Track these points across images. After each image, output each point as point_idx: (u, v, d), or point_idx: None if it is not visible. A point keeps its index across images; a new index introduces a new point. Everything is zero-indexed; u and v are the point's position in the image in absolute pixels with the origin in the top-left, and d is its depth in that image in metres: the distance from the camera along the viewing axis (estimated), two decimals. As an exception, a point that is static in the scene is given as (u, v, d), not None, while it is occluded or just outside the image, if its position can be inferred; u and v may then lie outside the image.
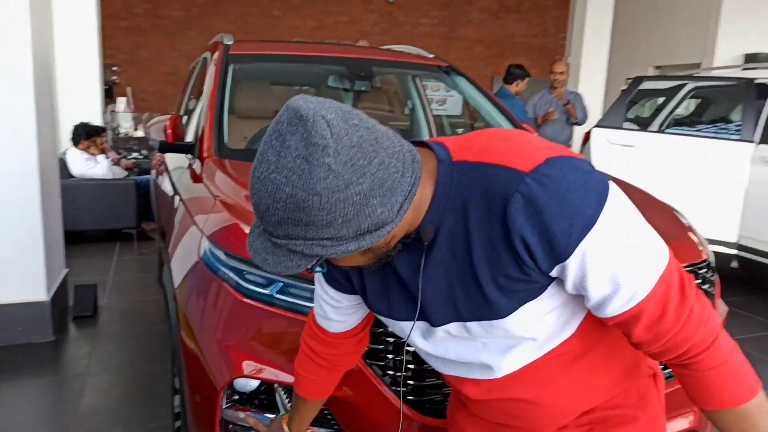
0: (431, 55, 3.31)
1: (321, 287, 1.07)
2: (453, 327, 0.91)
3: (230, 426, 1.51)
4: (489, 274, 0.81)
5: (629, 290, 0.77)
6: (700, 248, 1.86)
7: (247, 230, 1.65)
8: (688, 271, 1.72)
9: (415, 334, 0.98)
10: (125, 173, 5.79)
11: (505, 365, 0.92)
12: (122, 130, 7.38)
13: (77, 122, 5.57)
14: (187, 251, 1.87)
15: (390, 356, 1.40)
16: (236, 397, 1.52)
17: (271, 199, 0.70)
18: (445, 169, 0.80)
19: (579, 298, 0.85)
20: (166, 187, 3.00)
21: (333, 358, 1.15)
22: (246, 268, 1.55)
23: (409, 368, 1.41)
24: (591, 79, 8.11)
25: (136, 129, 7.54)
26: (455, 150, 0.82)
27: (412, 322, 0.94)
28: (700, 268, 1.80)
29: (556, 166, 0.74)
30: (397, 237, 0.80)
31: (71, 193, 4.91)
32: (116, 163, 5.78)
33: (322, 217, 0.69)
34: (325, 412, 1.43)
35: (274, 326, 1.49)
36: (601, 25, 7.98)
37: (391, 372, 1.39)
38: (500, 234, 0.77)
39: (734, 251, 4.21)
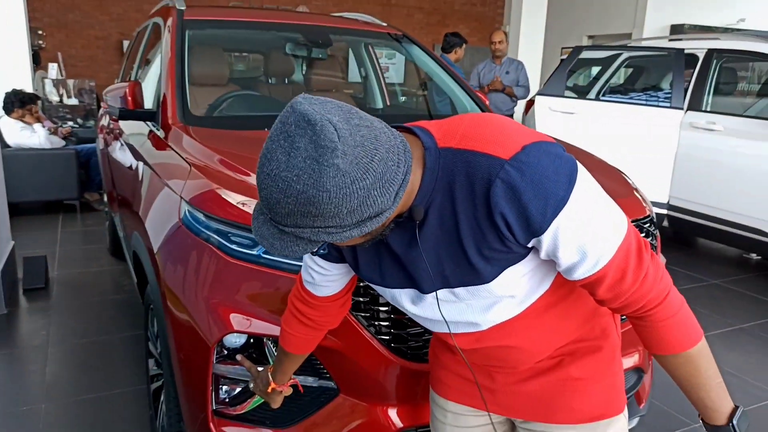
0: (385, 24, 3.36)
1: (310, 257, 1.15)
2: (441, 293, 1.02)
3: (221, 380, 1.58)
4: (474, 246, 0.91)
5: (594, 257, 0.89)
6: (644, 205, 2.05)
7: (224, 195, 1.70)
8: (634, 225, 1.91)
9: (406, 300, 1.08)
10: (63, 142, 5.57)
11: (489, 320, 1.04)
12: (55, 98, 7.04)
13: (6, 90, 5.30)
14: (163, 215, 1.89)
15: (374, 307, 1.50)
16: (225, 352, 1.59)
17: (282, 195, 0.76)
18: (432, 156, 0.89)
19: (551, 261, 0.97)
20: (123, 154, 2.96)
21: (318, 318, 1.25)
22: (231, 230, 1.60)
23: (391, 318, 1.52)
24: (530, 48, 8.33)
25: (69, 97, 7.20)
26: (440, 137, 0.90)
27: (399, 290, 1.05)
28: (645, 223, 1.99)
29: (531, 154, 0.84)
30: (390, 219, 0.89)
31: (8, 163, 4.70)
32: (53, 132, 5.55)
33: (329, 209, 0.76)
34: (314, 360, 1.52)
35: (261, 284, 1.56)
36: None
37: (375, 323, 1.50)
38: (484, 213, 0.87)
39: (665, 211, 4.55)
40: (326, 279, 1.17)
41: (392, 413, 1.55)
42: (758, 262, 4.78)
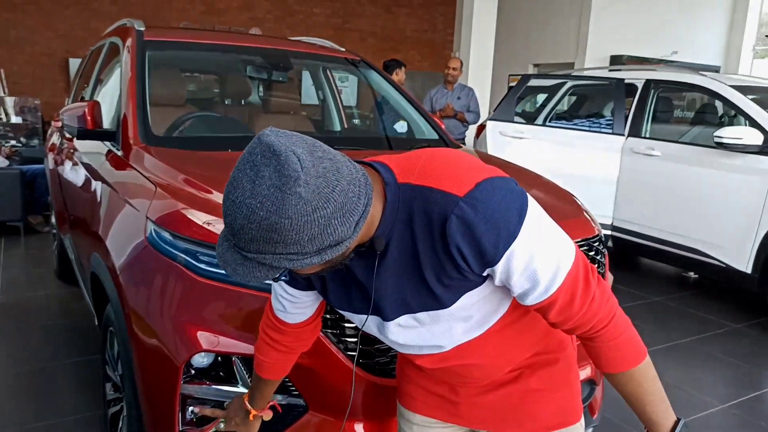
0: (343, 49, 3.45)
1: (280, 286, 1.19)
2: (403, 319, 1.07)
3: (188, 400, 1.58)
4: (434, 275, 0.97)
5: (544, 285, 0.94)
6: (593, 225, 2.17)
7: (190, 215, 1.72)
8: (582, 244, 2.02)
9: (371, 326, 1.13)
10: (6, 162, 5.38)
11: (452, 342, 1.11)
12: (-3, 116, 6.79)
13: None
14: (126, 235, 1.88)
15: (344, 324, 1.54)
16: (192, 372, 1.59)
17: (246, 221, 0.79)
18: (392, 191, 0.94)
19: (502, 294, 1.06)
20: (77, 174, 2.90)
21: (290, 343, 1.28)
22: (199, 249, 1.61)
23: (358, 334, 1.55)
24: (479, 74, 8.60)
25: (13, 115, 6.95)
26: (399, 172, 0.96)
27: (366, 316, 1.10)
28: (594, 242, 2.10)
29: (484, 190, 0.90)
30: (350, 248, 0.91)
31: (-53, 183, 4.51)
32: (-4, 151, 5.36)
33: (291, 236, 0.79)
34: (284, 378, 1.54)
35: (229, 302, 1.58)
36: (486, 23, 8.46)
37: (344, 339, 1.54)
38: (441, 246, 0.93)
39: (609, 232, 4.77)
40: (296, 306, 1.20)
41: (359, 428, 1.58)
42: (696, 280, 5.05)
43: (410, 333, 1.10)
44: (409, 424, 1.32)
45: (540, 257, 0.93)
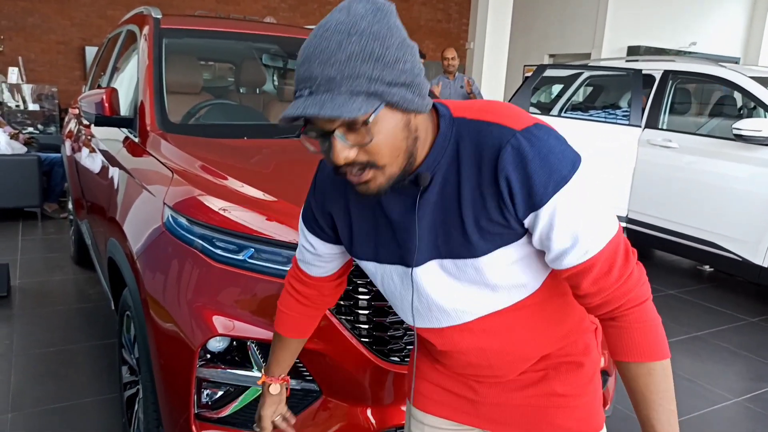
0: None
1: (304, 237, 1.17)
2: (430, 266, 1.01)
3: (204, 383, 1.60)
4: (473, 216, 0.93)
5: (585, 245, 0.90)
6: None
7: (207, 201, 1.73)
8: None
9: (395, 278, 1.08)
10: (24, 149, 5.44)
11: (476, 310, 1.04)
12: (14, 103, 6.87)
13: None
14: (143, 221, 1.90)
15: (358, 312, 1.55)
16: (208, 356, 1.61)
17: (345, 35, 0.81)
18: (446, 122, 0.94)
19: (541, 257, 0.99)
20: (95, 161, 2.93)
21: (314, 297, 1.25)
22: (216, 234, 1.63)
23: (373, 320, 1.57)
24: (493, 64, 8.54)
25: (25, 102, 7.03)
26: (454, 108, 0.95)
27: (393, 266, 1.06)
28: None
29: (543, 131, 0.89)
30: (415, 156, 0.91)
31: (-33, 168, 4.57)
32: (14, 137, 5.42)
33: (390, 53, 0.82)
34: (297, 363, 1.56)
35: (245, 288, 1.59)
36: (502, 13, 8.39)
37: (357, 325, 1.55)
38: (489, 179, 0.90)
39: (624, 224, 4.73)
40: (319, 260, 1.18)
41: (373, 414, 1.59)
42: (711, 274, 5.00)
43: (434, 285, 1.03)
44: (420, 426, 1.24)
45: (585, 215, 0.89)
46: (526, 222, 0.93)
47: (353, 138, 0.86)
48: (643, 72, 4.77)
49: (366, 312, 1.55)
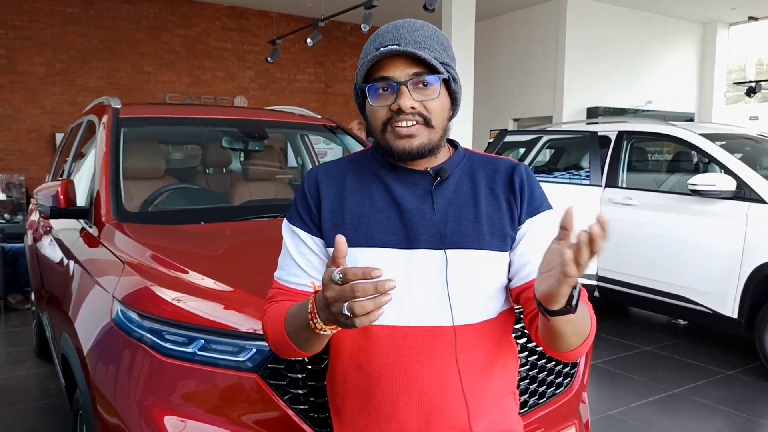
0: (319, 116, 3.52)
1: (296, 238, 1.17)
2: (429, 253, 1.10)
3: (154, 486, 1.52)
4: (486, 211, 1.13)
5: None
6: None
7: (158, 292, 1.70)
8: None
9: (394, 263, 1.10)
10: (-12, 240, 5.36)
11: (458, 312, 1.10)
12: (-20, 193, 6.80)
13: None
14: (93, 315, 1.86)
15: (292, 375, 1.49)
16: (159, 457, 1.53)
17: (424, 23, 1.14)
18: (460, 150, 1.21)
19: (505, 289, 1.16)
20: (53, 252, 2.89)
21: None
22: (165, 328, 1.59)
23: (308, 384, 1.48)
24: (459, 130, 8.78)
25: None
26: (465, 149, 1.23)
27: (389, 249, 1.10)
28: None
29: None
30: (442, 143, 1.16)
31: (-74, 264, 4.46)
32: (-22, 228, 5.34)
33: (452, 51, 1.15)
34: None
35: (197, 382, 1.54)
36: (464, 80, 8.72)
37: (292, 390, 1.48)
38: (503, 184, 1.16)
39: (595, 282, 4.76)
40: (312, 267, 1.16)
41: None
42: (685, 327, 5.01)
43: (431, 270, 1.10)
44: None
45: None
46: (522, 228, 1.14)
47: (416, 94, 1.08)
48: (599, 134, 4.93)
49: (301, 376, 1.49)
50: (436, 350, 1.10)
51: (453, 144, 1.23)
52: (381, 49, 1.07)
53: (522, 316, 1.18)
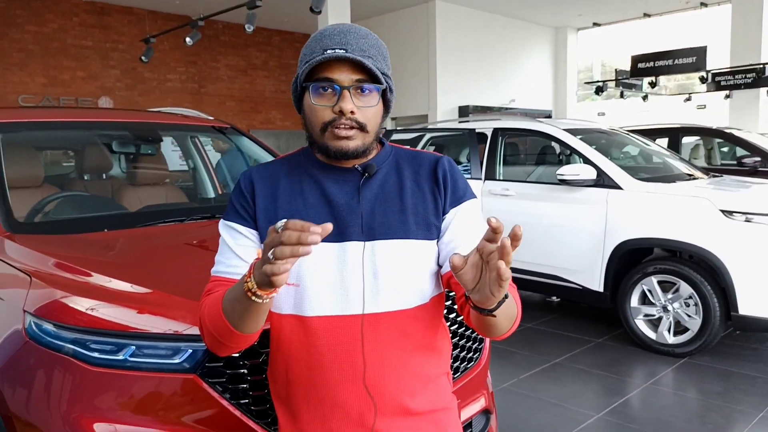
0: (212, 118, 3.48)
1: (233, 239, 1.21)
2: (358, 245, 1.17)
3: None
4: (412, 202, 1.22)
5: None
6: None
7: (71, 303, 1.64)
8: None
9: (325, 256, 1.16)
10: None
11: (388, 296, 1.17)
12: None
13: None
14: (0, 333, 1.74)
15: (231, 372, 1.54)
16: (90, 469, 1.49)
17: (368, 32, 1.20)
18: (386, 147, 1.29)
19: (437, 275, 1.24)
20: None
21: None
22: (89, 336, 1.55)
23: (248, 380, 1.52)
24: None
25: None
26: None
27: (326, 243, 1.15)
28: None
29: None
30: (373, 146, 1.23)
31: None
32: None
33: (389, 62, 1.23)
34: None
35: (126, 388, 1.52)
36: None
37: (232, 386, 1.51)
38: (427, 176, 1.24)
39: (479, 269, 5.10)
40: (249, 256, 1.20)
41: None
42: (558, 303, 5.54)
43: (359, 261, 1.17)
44: None
45: (478, 228, 1.19)
46: (447, 218, 1.23)
47: (356, 100, 1.16)
48: (477, 130, 5.30)
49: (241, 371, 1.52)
50: (369, 336, 1.17)
51: (380, 141, 1.29)
52: (328, 51, 1.13)
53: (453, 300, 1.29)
